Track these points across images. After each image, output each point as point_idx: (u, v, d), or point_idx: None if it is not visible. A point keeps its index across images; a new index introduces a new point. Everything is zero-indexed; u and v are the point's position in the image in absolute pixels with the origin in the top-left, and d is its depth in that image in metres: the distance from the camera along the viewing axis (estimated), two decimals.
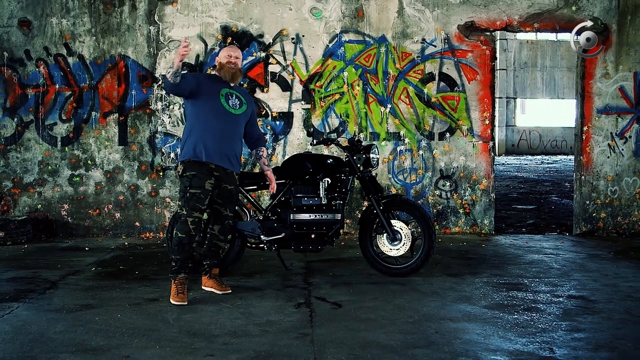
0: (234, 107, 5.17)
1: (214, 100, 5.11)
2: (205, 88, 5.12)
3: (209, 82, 5.21)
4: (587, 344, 4.11)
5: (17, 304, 4.94)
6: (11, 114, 7.96)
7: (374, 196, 5.80)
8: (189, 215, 5.02)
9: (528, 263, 6.51)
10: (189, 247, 5.08)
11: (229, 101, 5.16)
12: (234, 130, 5.20)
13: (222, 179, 5.11)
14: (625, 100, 8.14)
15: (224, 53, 5.27)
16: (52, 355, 3.87)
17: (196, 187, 5.01)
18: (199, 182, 5.01)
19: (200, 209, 5.04)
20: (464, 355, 3.88)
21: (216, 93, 5.14)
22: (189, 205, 5.02)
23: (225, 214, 5.27)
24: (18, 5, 7.91)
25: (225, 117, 5.12)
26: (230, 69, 5.19)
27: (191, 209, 5.01)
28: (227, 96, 5.18)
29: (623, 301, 5.10)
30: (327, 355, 3.87)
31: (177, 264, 5.06)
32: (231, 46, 5.50)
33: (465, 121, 8.10)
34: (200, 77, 5.32)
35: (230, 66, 5.19)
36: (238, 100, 5.23)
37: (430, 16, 8.04)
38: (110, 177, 8.04)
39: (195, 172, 5.03)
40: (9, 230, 7.43)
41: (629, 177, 8.17)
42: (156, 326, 4.43)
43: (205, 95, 5.10)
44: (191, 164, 5.06)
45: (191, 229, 5.03)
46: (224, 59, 5.23)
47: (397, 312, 4.76)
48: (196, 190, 5.01)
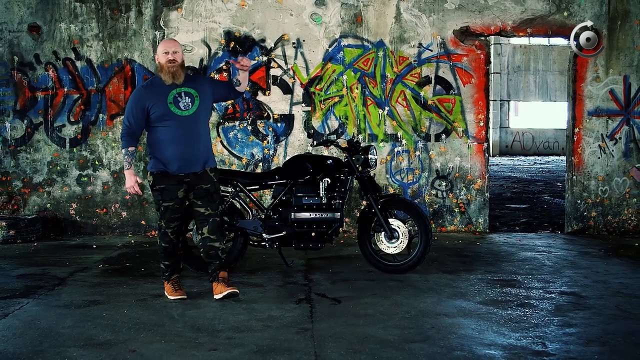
0: (187, 108, 4.79)
1: (163, 109, 4.76)
2: (151, 102, 4.76)
3: (153, 93, 4.80)
4: (578, 339, 4.11)
5: (27, 300, 4.94)
6: (21, 116, 7.96)
7: (372, 196, 5.80)
8: (167, 227, 4.93)
9: (521, 260, 6.50)
10: (173, 252, 5.03)
11: (179, 104, 4.78)
12: (194, 131, 4.83)
13: (194, 182, 4.88)
14: (615, 102, 8.13)
15: (160, 50, 4.81)
16: (60, 350, 3.87)
17: (168, 200, 4.85)
18: (169, 194, 4.84)
19: (177, 218, 4.94)
20: (459, 350, 3.88)
21: (164, 101, 4.76)
22: (165, 217, 4.90)
23: (208, 214, 4.94)
24: (28, 11, 7.90)
25: (179, 122, 4.77)
26: (170, 69, 4.76)
27: (168, 220, 4.91)
28: (176, 99, 4.78)
29: (613, 297, 5.10)
30: (327, 350, 3.87)
31: (168, 269, 5.03)
32: (167, 40, 5.04)
33: (460, 123, 8.10)
34: (143, 95, 4.83)
35: (169, 66, 4.76)
36: (189, 98, 4.82)
37: (427, 21, 8.04)
38: (117, 177, 8.04)
39: (164, 185, 4.84)
40: (19, 228, 7.43)
41: (619, 177, 8.17)
42: (161, 321, 4.42)
43: (154, 108, 4.76)
44: (159, 176, 4.85)
45: (172, 238, 4.97)
46: (162, 57, 4.78)
47: (394, 308, 4.76)
48: (169, 204, 4.86)
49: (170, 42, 4.90)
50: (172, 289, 4.99)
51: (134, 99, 4.86)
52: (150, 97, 4.80)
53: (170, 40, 5.08)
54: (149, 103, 4.78)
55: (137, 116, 4.80)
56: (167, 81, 4.79)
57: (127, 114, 4.86)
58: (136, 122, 4.82)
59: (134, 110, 4.81)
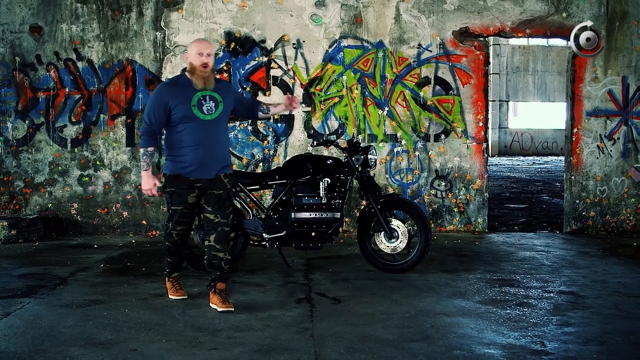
0: (210, 113, 4.60)
1: (186, 111, 4.55)
2: (174, 102, 4.56)
3: (177, 92, 4.59)
4: (577, 338, 4.11)
5: (29, 299, 4.94)
6: (23, 116, 7.95)
7: (372, 195, 5.80)
8: (173, 229, 4.84)
9: (520, 260, 6.50)
10: (177, 252, 4.99)
11: (202, 108, 4.58)
12: (214, 136, 4.66)
13: (206, 187, 4.68)
14: (614, 103, 8.13)
15: (193, 50, 4.58)
16: (62, 349, 3.87)
17: (177, 204, 4.72)
18: (179, 198, 4.69)
19: (184, 222, 4.83)
20: (459, 349, 3.88)
21: (187, 104, 4.56)
22: (172, 220, 4.81)
23: (218, 221, 4.69)
24: (29, 12, 7.90)
25: (201, 126, 4.58)
26: (203, 74, 4.58)
27: (175, 224, 4.82)
28: (200, 102, 4.59)
29: (611, 296, 5.10)
30: (327, 349, 3.87)
31: (170, 266, 5.03)
32: (200, 40, 4.78)
33: (459, 123, 8.10)
34: (166, 94, 4.61)
35: (202, 71, 4.57)
36: (213, 102, 4.62)
37: (426, 22, 8.04)
38: (118, 177, 8.04)
39: (174, 188, 4.69)
40: (21, 228, 7.43)
41: (617, 177, 8.17)
42: (162, 321, 4.42)
43: (177, 109, 4.56)
44: (171, 179, 4.70)
45: (176, 239, 4.90)
46: (195, 59, 4.57)
47: (394, 307, 4.76)
48: (177, 207, 4.74)
49: (205, 43, 4.66)
50: (173, 288, 5.00)
51: (156, 97, 4.64)
52: (173, 97, 4.58)
53: (204, 40, 4.83)
54: (172, 103, 4.56)
55: (159, 115, 4.59)
56: (198, 85, 4.58)
57: (147, 112, 4.64)
58: (157, 120, 4.61)
59: (155, 109, 4.60)
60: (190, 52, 4.60)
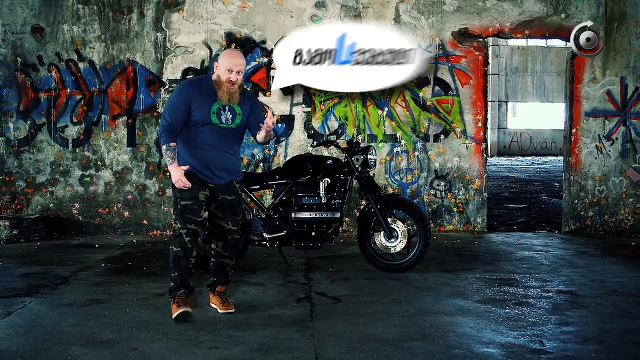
0: (227, 123, 4.48)
1: (204, 116, 4.42)
2: (196, 103, 4.42)
3: (200, 94, 4.44)
4: (575, 337, 4.11)
5: (30, 299, 4.94)
6: (24, 116, 7.96)
7: (372, 195, 5.80)
8: (183, 228, 4.45)
9: (519, 259, 6.50)
10: (185, 262, 4.49)
11: (221, 117, 4.47)
12: (228, 143, 4.53)
13: (218, 190, 4.52)
14: (612, 103, 8.14)
15: (224, 64, 4.41)
16: (63, 348, 3.87)
17: (187, 198, 4.42)
18: (190, 193, 4.41)
19: (194, 221, 4.46)
20: (458, 348, 3.88)
21: (207, 109, 4.43)
22: (181, 217, 4.45)
23: (228, 228, 4.58)
24: (31, 13, 7.90)
25: (217, 131, 4.46)
26: (229, 90, 4.43)
27: (184, 221, 4.44)
28: (219, 112, 4.46)
29: (610, 296, 5.10)
30: (327, 348, 3.87)
31: (175, 283, 4.50)
32: (234, 52, 4.57)
33: (459, 124, 8.10)
34: (190, 93, 4.44)
35: (229, 87, 4.41)
36: (232, 114, 4.50)
37: (426, 23, 8.03)
38: (119, 177, 8.04)
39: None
40: (23, 228, 7.43)
41: (616, 177, 8.17)
42: (163, 320, 4.42)
43: (196, 112, 4.42)
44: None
45: (186, 241, 4.45)
46: (223, 73, 4.42)
47: (393, 307, 4.75)
48: (187, 202, 4.42)
49: (237, 59, 4.44)
50: (176, 306, 4.44)
51: (179, 95, 4.44)
52: (196, 97, 4.42)
53: (237, 54, 4.52)
54: (194, 103, 4.41)
55: (181, 113, 4.40)
56: (222, 99, 4.44)
57: (168, 110, 4.44)
58: (180, 117, 4.40)
59: (178, 107, 4.41)
60: (221, 64, 4.42)
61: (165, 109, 4.50)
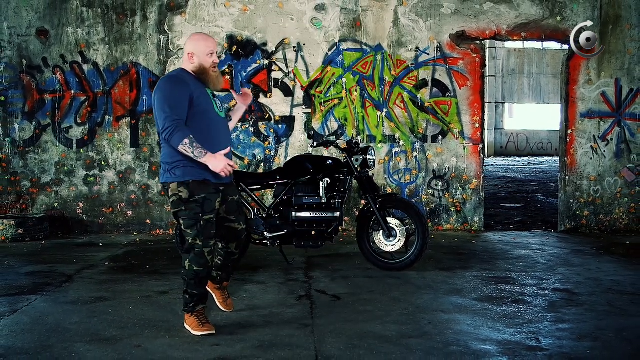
0: (220, 110, 4.12)
1: (206, 105, 4.00)
2: (197, 93, 3.97)
3: (195, 86, 3.99)
4: (571, 334, 4.11)
5: (35, 297, 4.94)
6: (30, 117, 7.96)
7: (371, 195, 5.80)
8: (205, 246, 3.99)
9: (516, 258, 6.50)
10: (206, 280, 4.12)
11: (217, 104, 4.11)
12: (227, 137, 4.17)
13: (227, 192, 4.15)
14: (607, 105, 8.14)
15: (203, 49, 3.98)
16: (68, 345, 3.87)
17: (209, 211, 3.98)
18: (211, 205, 3.98)
19: (215, 235, 4.08)
20: (455, 345, 3.88)
21: (207, 97, 4.03)
22: (204, 234, 3.97)
23: (241, 229, 4.28)
24: (36, 16, 7.90)
25: (218, 123, 4.07)
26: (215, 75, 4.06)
27: (207, 238, 3.99)
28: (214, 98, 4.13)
29: (605, 294, 5.10)
30: (327, 345, 3.87)
31: (194, 298, 4.08)
32: (203, 35, 4.12)
33: (456, 125, 8.10)
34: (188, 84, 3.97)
35: (215, 72, 4.05)
36: (219, 101, 4.17)
37: (424, 26, 8.04)
38: (122, 177, 8.04)
39: (205, 194, 3.96)
40: (28, 227, 7.43)
41: (611, 177, 8.17)
42: (166, 317, 4.42)
43: (199, 100, 3.97)
44: (197, 185, 3.94)
45: (208, 259, 4.03)
46: (205, 59, 3.99)
47: (392, 304, 4.76)
48: (210, 216, 3.99)
49: (212, 40, 4.07)
50: (198, 322, 4.06)
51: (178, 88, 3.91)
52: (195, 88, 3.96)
53: (209, 37, 4.11)
54: (195, 93, 3.94)
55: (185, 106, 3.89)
56: (216, 87, 4.08)
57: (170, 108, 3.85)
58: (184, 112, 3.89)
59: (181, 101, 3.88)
60: (199, 50, 3.99)
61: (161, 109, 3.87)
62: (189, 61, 4.04)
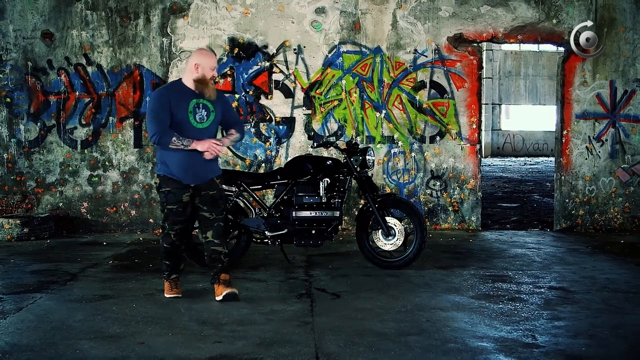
0: (201, 121, 4.64)
1: (183, 116, 4.58)
2: (175, 103, 4.58)
3: (178, 97, 4.60)
4: (566, 332, 4.11)
5: (40, 295, 4.94)
6: (35, 119, 7.96)
7: (370, 195, 5.80)
8: (171, 229, 4.76)
9: (512, 257, 6.50)
10: (174, 254, 4.87)
11: (196, 116, 4.62)
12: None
13: (200, 187, 4.70)
14: (602, 106, 8.13)
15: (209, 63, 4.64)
16: (72, 342, 3.87)
17: (172, 202, 4.67)
18: (174, 197, 4.65)
19: (180, 221, 4.75)
20: (453, 342, 3.88)
21: (185, 110, 4.59)
22: (169, 220, 4.74)
23: (213, 218, 4.75)
24: (41, 19, 7.90)
25: (192, 133, 4.59)
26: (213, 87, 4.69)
27: (172, 223, 4.74)
28: (195, 110, 4.62)
29: (600, 292, 5.10)
30: (327, 342, 3.87)
31: (168, 268, 4.89)
32: (211, 55, 4.75)
33: (454, 125, 8.10)
34: (169, 95, 4.61)
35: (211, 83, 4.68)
36: (205, 112, 4.67)
37: (422, 29, 8.03)
38: (126, 177, 8.04)
39: (170, 188, 4.66)
40: (33, 226, 7.43)
41: (605, 177, 8.17)
42: (168, 315, 4.42)
43: (176, 110, 4.58)
44: (166, 179, 4.67)
45: (174, 240, 4.79)
46: (208, 72, 4.63)
47: (391, 302, 4.75)
48: (173, 206, 4.68)
49: (215, 58, 4.76)
50: (169, 287, 4.88)
51: (159, 100, 4.59)
52: (173, 98, 4.59)
53: (213, 55, 4.80)
54: (173, 103, 4.57)
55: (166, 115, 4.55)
56: (212, 96, 4.66)
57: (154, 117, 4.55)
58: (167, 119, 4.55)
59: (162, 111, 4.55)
60: (205, 64, 4.61)
61: (149, 119, 4.59)
62: (194, 71, 4.63)
